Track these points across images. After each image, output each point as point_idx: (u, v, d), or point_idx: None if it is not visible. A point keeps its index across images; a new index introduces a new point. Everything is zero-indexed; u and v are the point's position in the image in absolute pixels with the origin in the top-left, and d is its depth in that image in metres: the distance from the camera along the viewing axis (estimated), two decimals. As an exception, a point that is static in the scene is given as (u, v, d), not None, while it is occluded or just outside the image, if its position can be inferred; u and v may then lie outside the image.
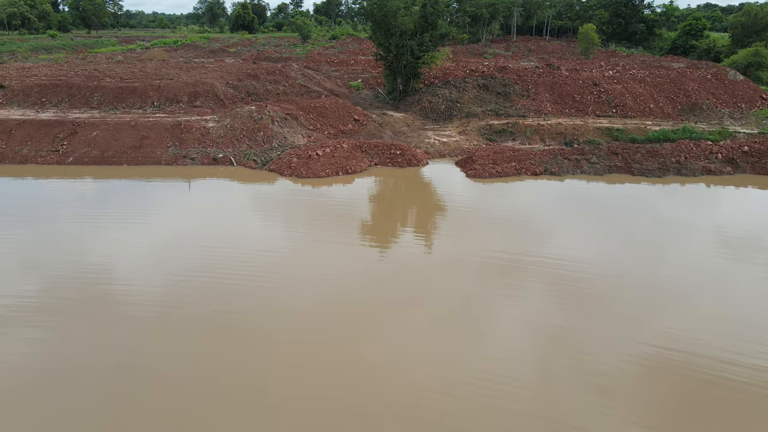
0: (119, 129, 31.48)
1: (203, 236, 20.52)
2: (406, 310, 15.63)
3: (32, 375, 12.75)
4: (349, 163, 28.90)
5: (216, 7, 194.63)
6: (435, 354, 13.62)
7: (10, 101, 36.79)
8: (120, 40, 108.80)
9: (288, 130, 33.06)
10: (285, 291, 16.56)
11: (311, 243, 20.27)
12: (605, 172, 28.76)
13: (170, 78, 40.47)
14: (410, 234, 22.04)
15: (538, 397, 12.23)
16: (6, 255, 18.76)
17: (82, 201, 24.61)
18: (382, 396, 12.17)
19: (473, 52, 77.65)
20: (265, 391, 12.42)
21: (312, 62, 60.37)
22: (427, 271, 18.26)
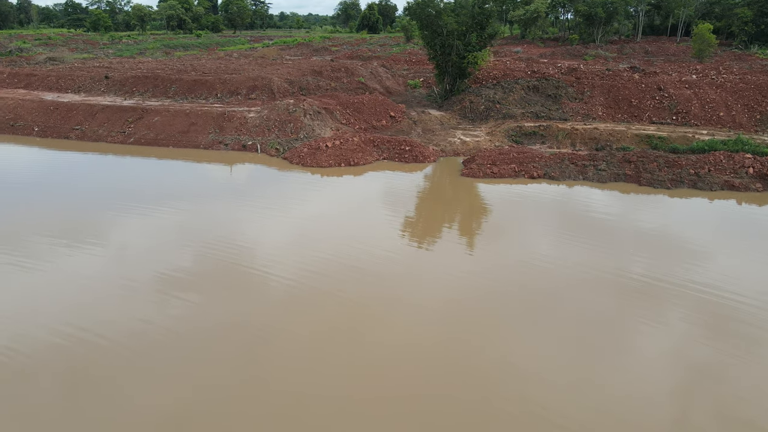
0: (175, 116, 36.19)
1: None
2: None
3: (183, 334, 14.12)
4: (354, 156, 30.48)
5: (350, 8, 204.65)
6: (559, 385, 12.45)
7: (109, 89, 43.69)
8: (251, 39, 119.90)
9: (318, 123, 35.45)
10: (410, 287, 16.80)
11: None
12: (610, 180, 27.11)
13: (239, 73, 45.02)
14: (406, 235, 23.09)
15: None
16: (169, 229, 21.13)
17: (231, 189, 26.87)
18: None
19: (573, 53, 74.14)
20: (383, 374, 12.85)
21: (393, 61, 62.45)
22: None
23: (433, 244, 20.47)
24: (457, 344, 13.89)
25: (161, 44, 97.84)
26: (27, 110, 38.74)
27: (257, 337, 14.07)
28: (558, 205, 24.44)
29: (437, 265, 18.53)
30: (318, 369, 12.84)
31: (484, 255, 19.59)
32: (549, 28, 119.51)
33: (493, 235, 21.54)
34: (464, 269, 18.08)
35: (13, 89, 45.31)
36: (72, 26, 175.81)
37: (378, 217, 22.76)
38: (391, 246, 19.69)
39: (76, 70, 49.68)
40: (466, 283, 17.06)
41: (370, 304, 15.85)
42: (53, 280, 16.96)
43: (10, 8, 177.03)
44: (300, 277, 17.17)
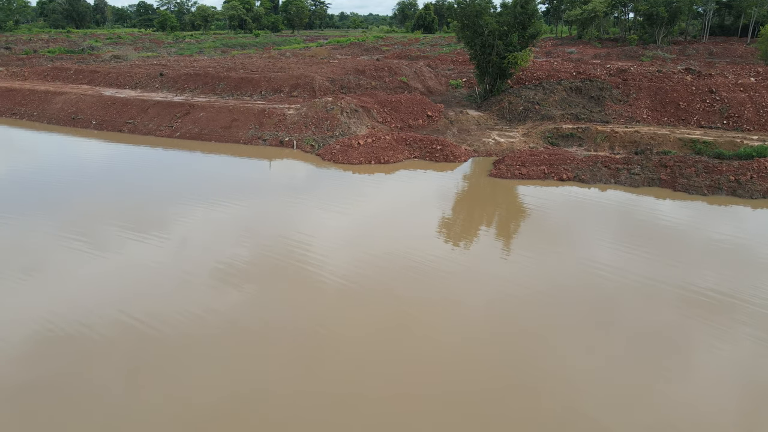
0: (219, 112, 37.77)
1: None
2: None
3: (237, 326, 14.56)
4: (385, 154, 30.88)
5: (407, 8, 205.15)
6: (611, 401, 12.06)
7: (163, 86, 46.02)
8: (306, 39, 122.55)
9: (354, 120, 36.10)
10: (456, 290, 16.69)
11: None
12: (643, 185, 26.26)
13: (284, 71, 46.36)
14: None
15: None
16: (227, 224, 21.86)
17: (288, 186, 27.14)
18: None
19: (629, 54, 71.57)
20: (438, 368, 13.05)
21: (439, 61, 62.44)
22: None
23: (472, 244, 20.46)
24: (507, 352, 13.75)
25: (220, 43, 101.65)
26: (87, 104, 41.43)
27: (309, 333, 14.31)
28: (590, 210, 23.94)
29: (480, 268, 18.36)
30: (369, 368, 12.98)
31: (524, 258, 19.46)
32: (610, 28, 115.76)
33: (525, 238, 21.40)
34: (507, 273, 17.93)
35: (77, 85, 48.51)
36: (142, 26, 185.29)
37: (403, 216, 23.05)
38: (430, 247, 19.67)
39: (136, 67, 52.58)
40: (512, 288, 16.77)
41: (419, 305, 15.79)
42: (118, 267, 17.75)
43: (87, 8, 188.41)
44: (349, 273, 17.47)
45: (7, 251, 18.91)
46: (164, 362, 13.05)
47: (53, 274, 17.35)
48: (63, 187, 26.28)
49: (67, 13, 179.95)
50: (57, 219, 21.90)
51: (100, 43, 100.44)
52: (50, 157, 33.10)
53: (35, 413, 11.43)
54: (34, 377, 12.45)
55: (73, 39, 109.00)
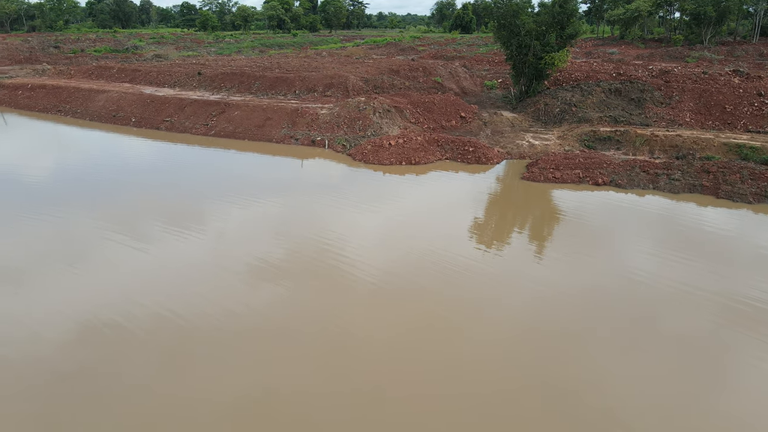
0: (254, 110, 38.20)
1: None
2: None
3: (270, 323, 14.82)
4: (416, 155, 30.62)
5: (445, 8, 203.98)
6: (650, 414, 11.62)
7: (200, 85, 46.89)
8: (343, 39, 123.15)
9: (387, 121, 35.96)
10: (489, 294, 16.53)
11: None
12: (684, 191, 25.22)
13: (319, 71, 46.59)
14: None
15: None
16: (261, 221, 22.22)
17: (319, 185, 26.97)
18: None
19: (674, 55, 69.16)
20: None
21: (475, 62, 61.73)
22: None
23: (504, 249, 20.01)
24: (542, 359, 13.39)
25: (258, 43, 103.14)
26: (127, 102, 42.55)
27: (339, 330, 14.40)
28: (626, 215, 23.14)
29: (512, 273, 18.06)
30: (400, 369, 12.94)
31: (557, 262, 18.95)
32: (654, 28, 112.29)
33: (557, 243, 20.85)
34: (540, 276, 17.54)
35: (119, 83, 49.91)
36: (185, 26, 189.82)
37: (434, 217, 22.77)
38: (461, 248, 19.52)
39: (175, 66, 53.77)
40: (545, 292, 16.42)
41: (449, 306, 15.66)
42: (156, 261, 18.33)
43: (133, 9, 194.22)
44: (380, 272, 17.55)
45: (54, 243, 19.59)
46: (197, 355, 13.30)
47: (96, 267, 17.91)
48: (106, 182, 27.13)
49: (114, 13, 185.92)
50: (100, 213, 22.54)
51: (143, 42, 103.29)
52: (93, 153, 34.15)
53: (78, 398, 11.88)
54: (78, 364, 12.93)
55: (118, 38, 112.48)
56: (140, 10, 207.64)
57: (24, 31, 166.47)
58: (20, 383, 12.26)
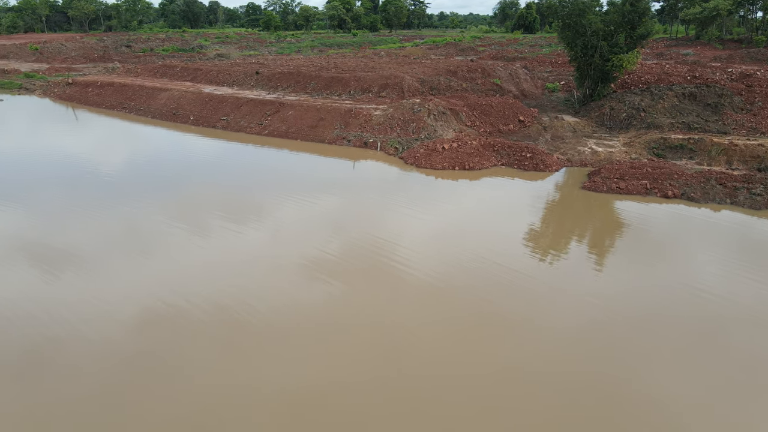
0: (307, 110, 38.06)
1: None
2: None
3: (317, 314, 15.00)
4: (470, 160, 29.43)
5: (508, 8, 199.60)
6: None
7: (258, 84, 47.36)
8: (403, 38, 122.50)
9: (441, 123, 34.91)
10: (545, 304, 15.86)
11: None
12: (766, 207, 22.85)
13: (375, 71, 46.04)
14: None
15: None
16: (314, 219, 22.24)
17: (369, 188, 26.69)
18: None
19: (756, 57, 64.17)
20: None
21: (537, 63, 59.54)
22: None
23: (559, 260, 18.77)
24: (600, 373, 12.70)
25: (318, 43, 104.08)
26: (187, 101, 43.47)
27: (390, 328, 14.42)
28: (699, 231, 21.18)
29: (567, 283, 17.14)
30: (450, 373, 12.72)
31: (619, 277, 17.71)
32: (734, 28, 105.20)
33: (620, 257, 19.31)
34: (601, 291, 16.57)
35: (181, 81, 51.21)
36: (249, 26, 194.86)
37: (486, 225, 21.64)
38: (511, 256, 18.84)
39: (235, 65, 54.68)
40: (607, 306, 15.57)
41: (501, 313, 15.33)
42: (216, 253, 18.86)
43: (202, 9, 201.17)
44: (432, 273, 17.44)
45: (124, 233, 20.54)
46: (252, 346, 13.63)
47: (161, 255, 18.70)
48: (170, 177, 28.11)
49: (184, 13, 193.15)
50: (167, 206, 23.44)
51: (208, 42, 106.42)
52: (157, 149, 35.11)
53: (144, 378, 12.42)
54: (142, 347, 13.53)
55: (185, 38, 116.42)
56: (208, 11, 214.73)
57: (101, 30, 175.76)
58: (97, 363, 12.89)
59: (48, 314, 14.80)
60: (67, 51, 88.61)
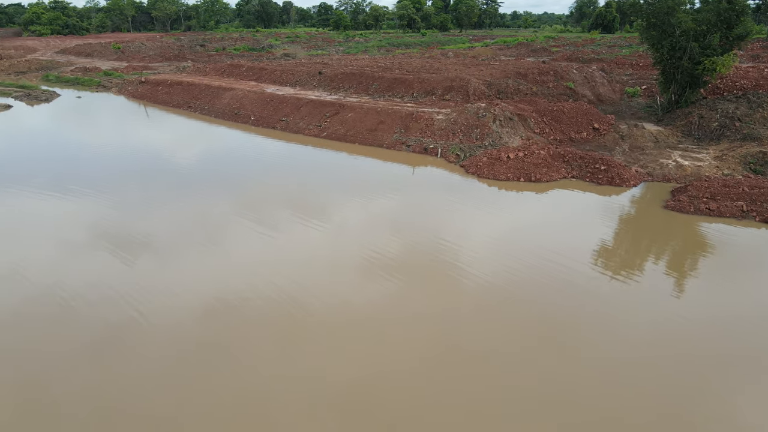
0: (367, 113, 36.84)
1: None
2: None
3: (380, 317, 14.97)
4: (537, 171, 27.14)
5: (586, 6, 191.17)
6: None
7: (320, 84, 46.72)
8: (472, 38, 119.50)
9: (507, 130, 32.70)
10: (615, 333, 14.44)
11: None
12: None
13: (440, 72, 44.23)
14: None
15: None
16: (373, 220, 22.27)
17: (429, 195, 25.59)
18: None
19: None
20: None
21: (615, 65, 55.73)
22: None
23: (633, 283, 16.58)
24: (680, 414, 11.49)
25: (386, 42, 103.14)
26: (249, 101, 43.41)
27: (447, 329, 14.37)
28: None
29: (640, 303, 15.81)
30: (508, 375, 12.61)
31: (706, 309, 15.37)
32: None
33: (708, 288, 16.75)
34: (681, 312, 15.16)
35: (246, 81, 51.47)
36: (320, 26, 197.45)
37: (552, 239, 19.49)
38: (577, 271, 17.55)
39: (299, 65, 54.42)
40: (676, 324, 14.48)
41: (565, 327, 14.56)
42: (282, 247, 19.45)
43: (276, 9, 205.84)
44: (494, 278, 17.20)
45: (194, 225, 21.33)
46: (312, 338, 13.91)
47: (227, 249, 19.23)
48: (234, 174, 28.60)
49: (258, 14, 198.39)
50: (233, 202, 24.13)
51: (278, 41, 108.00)
52: (221, 147, 35.49)
53: (205, 368, 12.79)
54: (207, 335, 14.01)
55: (257, 38, 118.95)
56: (281, 11, 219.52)
57: (181, 30, 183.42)
58: (162, 349, 13.43)
59: (123, 299, 15.63)
60: (146, 50, 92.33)
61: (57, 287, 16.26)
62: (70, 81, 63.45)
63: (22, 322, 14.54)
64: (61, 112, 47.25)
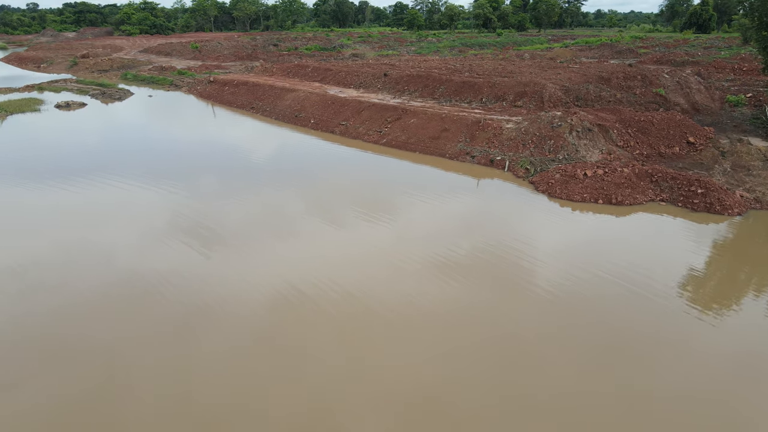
0: (431, 119, 34.39)
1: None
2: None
3: (442, 318, 14.72)
4: (619, 192, 23.68)
5: (678, 4, 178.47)
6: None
7: (384, 87, 44.72)
8: (551, 39, 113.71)
9: (585, 142, 29.24)
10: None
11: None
12: None
13: (513, 76, 41.00)
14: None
15: None
16: (442, 224, 21.68)
17: (493, 212, 24.60)
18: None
19: None
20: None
21: (714, 69, 50.09)
22: None
23: (727, 312, 13.47)
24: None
25: (459, 42, 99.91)
26: (310, 103, 42.09)
27: (507, 333, 14.08)
28: None
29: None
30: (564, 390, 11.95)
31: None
32: None
33: None
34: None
35: (310, 82, 50.36)
36: (395, 25, 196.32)
37: (636, 272, 16.39)
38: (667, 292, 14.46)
39: (365, 66, 52.66)
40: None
41: (639, 350, 13.44)
42: (348, 243, 19.64)
43: (351, 9, 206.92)
44: (562, 287, 16.38)
45: (266, 219, 22.13)
46: (377, 337, 13.92)
47: (295, 241, 19.76)
48: (304, 173, 28.48)
49: (334, 13, 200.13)
50: (303, 196, 24.89)
51: (350, 41, 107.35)
52: (291, 148, 35.05)
53: (273, 357, 13.10)
54: (274, 327, 14.32)
55: (330, 37, 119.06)
56: (357, 11, 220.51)
57: (260, 30, 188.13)
58: (231, 339, 13.73)
59: (196, 287, 16.24)
60: (221, 49, 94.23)
61: (140, 272, 17.23)
62: (145, 80, 65.17)
63: (110, 301, 15.55)
64: (132, 110, 48.09)
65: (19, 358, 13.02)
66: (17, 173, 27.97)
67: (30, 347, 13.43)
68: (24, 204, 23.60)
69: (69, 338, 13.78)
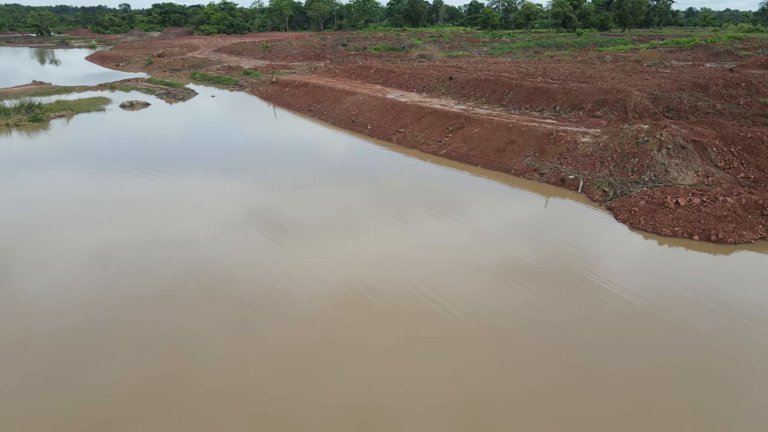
0: (496, 129, 31.09)
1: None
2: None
3: (514, 325, 14.20)
4: (721, 226, 19.58)
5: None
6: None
7: (449, 91, 41.65)
8: (636, 39, 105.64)
9: (678, 162, 25.04)
10: None
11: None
12: None
13: (592, 81, 36.79)
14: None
15: None
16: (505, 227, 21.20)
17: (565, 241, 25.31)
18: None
19: None
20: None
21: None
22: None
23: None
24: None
25: (535, 43, 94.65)
26: (369, 107, 39.76)
27: (570, 340, 13.46)
28: None
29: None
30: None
31: None
32: None
33: None
34: None
35: (371, 84, 48.06)
36: (469, 24, 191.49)
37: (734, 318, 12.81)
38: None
39: (430, 69, 49.71)
40: None
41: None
42: (416, 242, 19.47)
43: (424, 8, 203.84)
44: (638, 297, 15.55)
45: (335, 213, 22.28)
46: (440, 340, 13.45)
47: (360, 240, 19.67)
48: (368, 174, 28.33)
49: (407, 12, 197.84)
50: (371, 196, 24.75)
51: (421, 41, 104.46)
52: (348, 149, 34.21)
53: (333, 352, 13.05)
54: (336, 323, 14.22)
55: (400, 37, 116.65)
56: (430, 10, 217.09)
57: (333, 29, 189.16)
58: (292, 335, 13.75)
59: (261, 278, 16.43)
60: (290, 49, 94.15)
61: (216, 259, 17.77)
62: (212, 79, 65.42)
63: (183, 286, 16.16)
64: (193, 111, 47.74)
65: (96, 337, 13.52)
66: (95, 165, 28.18)
67: (108, 329, 13.92)
68: (111, 194, 24.64)
69: (140, 323, 14.21)
